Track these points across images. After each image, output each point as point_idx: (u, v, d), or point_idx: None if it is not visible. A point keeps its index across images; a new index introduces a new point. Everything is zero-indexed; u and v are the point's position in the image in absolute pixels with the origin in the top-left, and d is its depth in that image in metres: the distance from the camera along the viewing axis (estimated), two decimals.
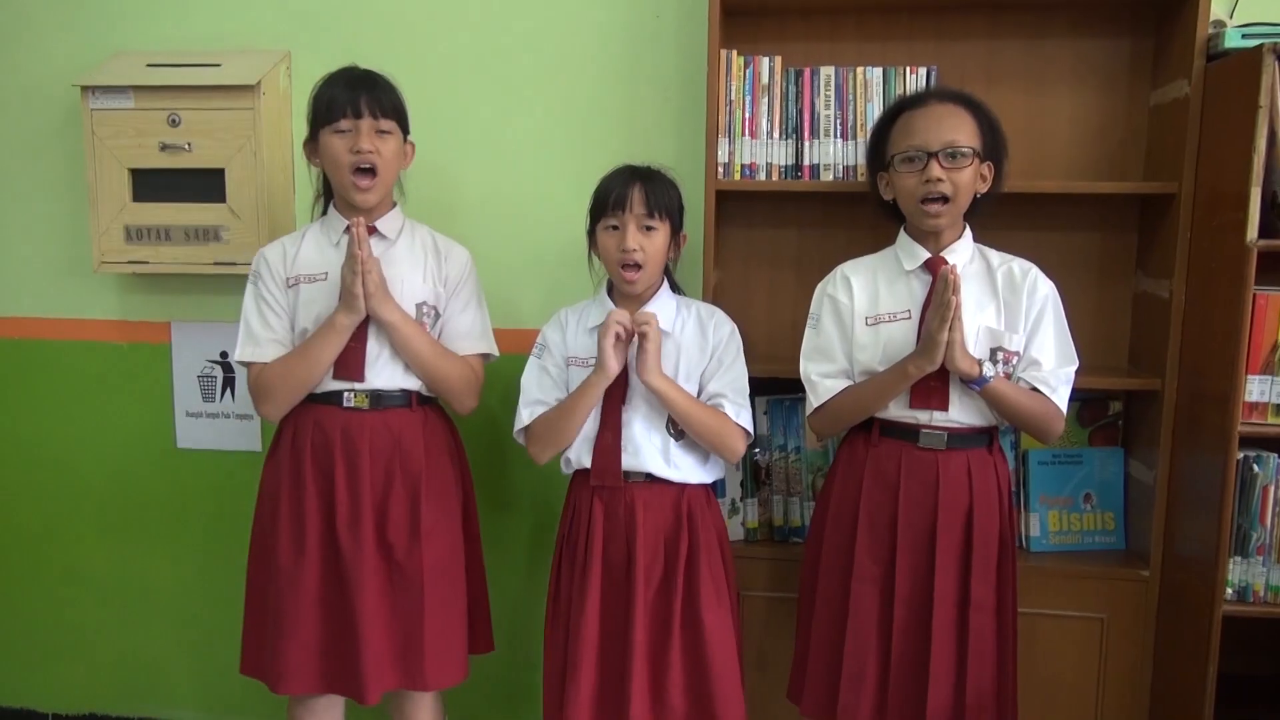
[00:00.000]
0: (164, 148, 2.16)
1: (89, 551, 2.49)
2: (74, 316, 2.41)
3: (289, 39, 2.26)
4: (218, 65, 2.17)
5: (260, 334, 1.85)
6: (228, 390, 2.39)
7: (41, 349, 2.43)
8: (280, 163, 2.23)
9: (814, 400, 1.80)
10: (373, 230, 1.87)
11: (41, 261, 2.41)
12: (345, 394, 1.84)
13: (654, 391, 1.73)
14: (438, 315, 1.90)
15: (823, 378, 1.79)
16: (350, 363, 1.82)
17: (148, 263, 2.22)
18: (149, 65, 2.19)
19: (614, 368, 1.72)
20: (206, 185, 2.17)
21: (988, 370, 1.71)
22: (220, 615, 2.46)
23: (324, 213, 1.93)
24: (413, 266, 1.88)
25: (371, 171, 1.80)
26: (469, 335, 1.92)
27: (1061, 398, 1.74)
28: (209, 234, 2.19)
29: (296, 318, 1.86)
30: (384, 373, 1.84)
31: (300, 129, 2.24)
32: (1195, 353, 1.86)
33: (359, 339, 1.82)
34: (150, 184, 2.19)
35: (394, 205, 1.92)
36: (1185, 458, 1.89)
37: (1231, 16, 1.98)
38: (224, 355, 2.38)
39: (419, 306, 1.87)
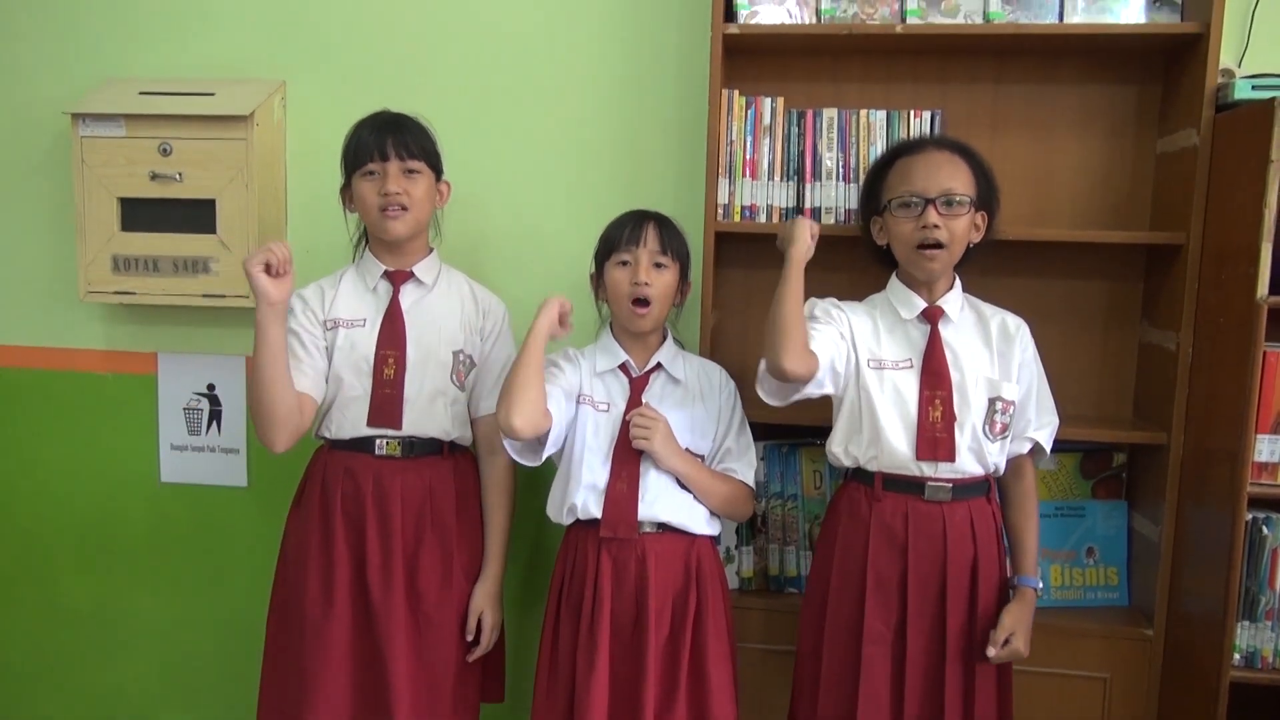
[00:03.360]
0: (154, 177, 2.12)
1: (68, 586, 2.43)
2: (58, 345, 2.36)
3: (284, 68, 2.23)
4: (211, 94, 2.14)
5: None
6: (214, 423, 2.34)
7: (24, 378, 2.39)
8: (272, 194, 2.19)
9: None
10: (410, 276, 1.87)
11: (26, 289, 2.37)
12: (378, 441, 1.82)
13: (676, 474, 1.75)
14: (473, 364, 1.90)
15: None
16: (387, 409, 1.82)
17: (135, 293, 2.17)
18: (141, 93, 2.16)
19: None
20: (197, 216, 2.13)
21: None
22: (202, 653, 2.41)
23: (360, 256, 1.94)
24: (449, 314, 1.89)
25: (401, 208, 1.81)
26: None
27: (1047, 447, 1.78)
28: (198, 265, 2.15)
29: (334, 362, 1.83)
30: (418, 420, 1.83)
31: (294, 160, 2.25)
32: (1203, 407, 1.82)
33: (395, 386, 1.81)
34: (139, 213, 2.15)
35: (430, 251, 1.93)
36: (1192, 515, 1.84)
37: (1240, 65, 1.96)
38: (211, 388, 2.33)
39: (455, 354, 1.87)
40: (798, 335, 1.65)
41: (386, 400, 1.82)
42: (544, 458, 1.77)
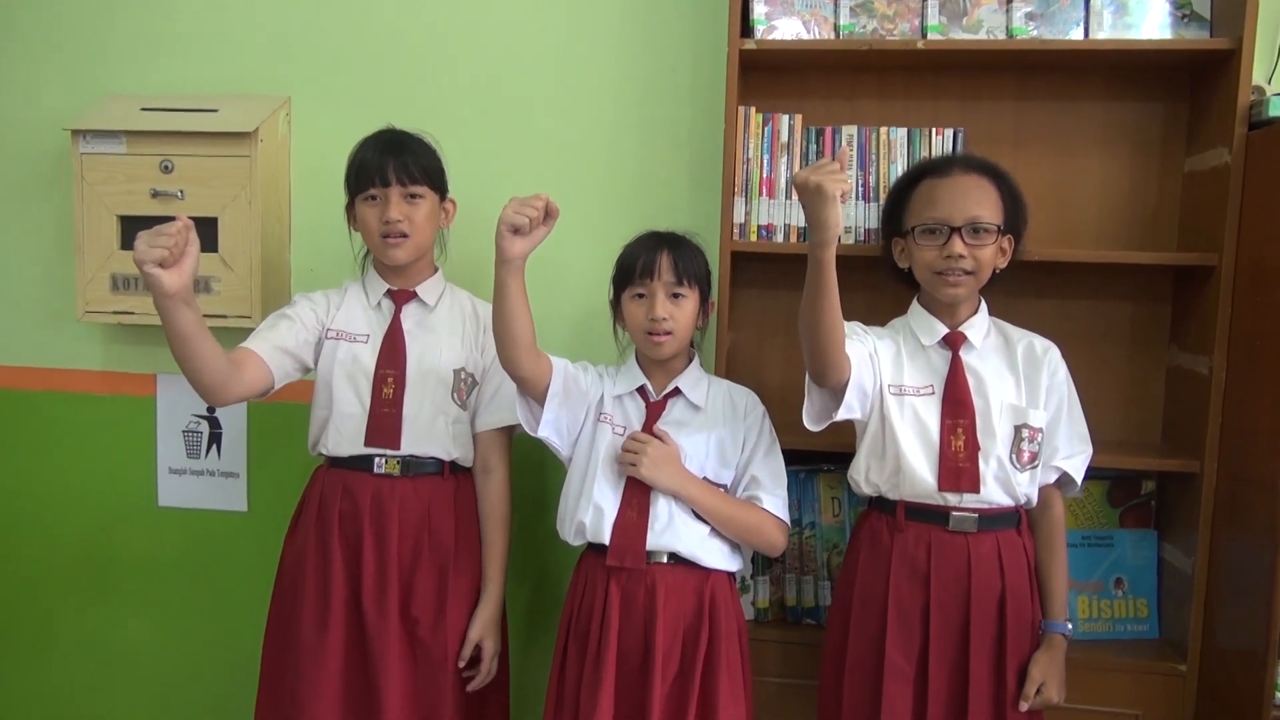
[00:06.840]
0: (155, 194, 2.07)
1: (62, 612, 2.37)
2: (55, 366, 2.31)
3: (290, 84, 2.18)
4: (215, 110, 2.09)
5: (260, 332, 1.79)
6: (213, 446, 2.28)
7: (20, 399, 2.33)
8: (276, 212, 2.14)
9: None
10: (413, 296, 1.85)
11: (23, 309, 2.31)
12: (377, 459, 1.79)
13: (676, 498, 1.66)
14: (475, 383, 1.85)
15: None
16: (385, 429, 1.78)
17: (134, 313, 2.12)
18: (143, 109, 2.11)
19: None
20: (198, 234, 2.06)
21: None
22: (198, 679, 2.34)
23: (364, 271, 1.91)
24: (451, 332, 1.86)
25: (402, 235, 1.78)
26: (505, 407, 1.81)
27: (1077, 478, 1.71)
28: (199, 285, 2.07)
29: (333, 374, 1.80)
30: (418, 439, 1.79)
31: (299, 177, 2.20)
32: (1237, 434, 1.76)
33: (394, 405, 1.78)
34: (140, 231, 2.09)
35: (435, 270, 1.90)
36: (1226, 546, 1.78)
37: (1270, 81, 1.91)
38: (210, 410, 2.27)
39: (457, 373, 1.83)
40: (839, 329, 1.55)
41: (385, 419, 1.79)
42: (545, 412, 1.67)
